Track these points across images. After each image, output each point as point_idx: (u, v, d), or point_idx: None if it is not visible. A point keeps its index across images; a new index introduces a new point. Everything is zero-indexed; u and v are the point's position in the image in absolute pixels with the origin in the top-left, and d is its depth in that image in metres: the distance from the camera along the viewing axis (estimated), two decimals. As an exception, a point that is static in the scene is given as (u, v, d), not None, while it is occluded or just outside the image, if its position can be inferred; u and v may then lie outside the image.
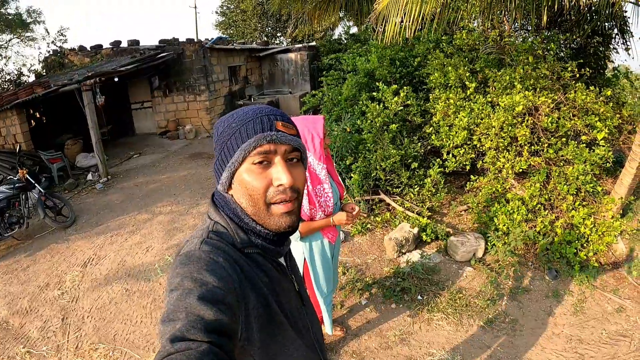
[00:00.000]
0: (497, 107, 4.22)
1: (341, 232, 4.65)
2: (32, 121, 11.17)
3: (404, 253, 4.14)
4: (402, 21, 3.95)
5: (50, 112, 11.42)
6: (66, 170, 8.46)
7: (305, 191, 2.23)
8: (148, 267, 4.55)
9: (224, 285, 0.76)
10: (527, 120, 4.02)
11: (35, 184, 5.76)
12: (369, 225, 4.77)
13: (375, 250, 4.33)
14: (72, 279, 4.51)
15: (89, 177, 8.44)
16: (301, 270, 2.53)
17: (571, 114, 4.12)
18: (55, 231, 5.86)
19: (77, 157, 9.30)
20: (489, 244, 3.95)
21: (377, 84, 5.33)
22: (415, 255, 4.05)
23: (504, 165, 4.07)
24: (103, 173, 8.24)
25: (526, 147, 4.02)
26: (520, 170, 3.98)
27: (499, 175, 4.18)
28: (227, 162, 0.88)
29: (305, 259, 2.47)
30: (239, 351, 0.82)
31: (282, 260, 1.03)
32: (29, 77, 13.01)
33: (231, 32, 21.36)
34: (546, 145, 4.08)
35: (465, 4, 4.44)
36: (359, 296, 3.58)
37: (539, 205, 3.83)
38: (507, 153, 4.11)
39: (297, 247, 2.46)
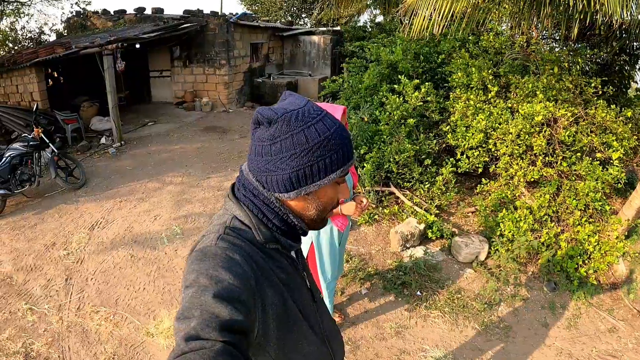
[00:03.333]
0: (517, 114, 4.19)
1: (350, 220, 4.69)
2: (50, 81, 11.23)
3: (408, 248, 4.17)
4: (431, 16, 3.90)
5: (68, 73, 11.45)
6: (80, 132, 8.53)
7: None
8: (155, 236, 4.62)
9: (240, 282, 0.76)
10: (545, 131, 3.99)
11: (49, 144, 5.82)
12: (376, 216, 4.80)
13: (380, 242, 4.37)
14: (78, 240, 4.59)
15: (102, 140, 8.52)
16: (306, 254, 2.56)
17: (589, 130, 4.08)
18: (65, 192, 5.94)
19: (92, 120, 9.37)
20: (492, 248, 3.97)
21: (398, 76, 5.29)
22: (419, 251, 4.08)
23: (516, 173, 4.06)
24: (117, 138, 8.30)
25: (540, 158, 4.00)
26: (532, 179, 3.97)
27: (510, 181, 4.17)
28: (315, 177, 0.86)
29: (312, 242, 2.50)
30: (255, 348, 0.83)
31: (293, 255, 1.06)
32: (50, 36, 13.00)
33: (256, 8, 21.15)
34: (560, 157, 4.06)
35: (497, 7, 4.37)
36: (360, 285, 3.63)
37: (546, 217, 3.83)
38: (521, 161, 4.09)
39: None
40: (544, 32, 5.48)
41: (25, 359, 2.99)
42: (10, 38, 12.51)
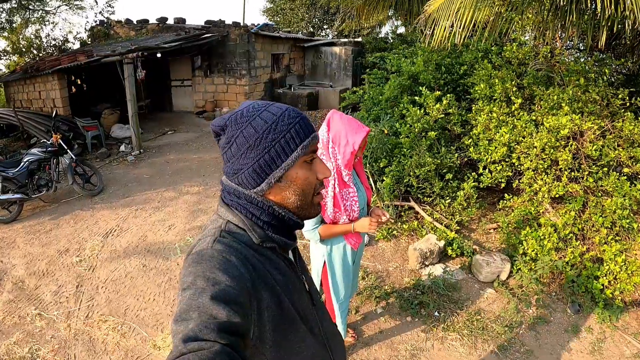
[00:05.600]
0: (541, 127, 4.01)
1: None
2: (73, 88, 11.48)
3: (427, 265, 4.01)
4: (452, 26, 3.78)
5: (91, 81, 11.71)
6: (100, 139, 8.65)
7: (331, 193, 2.14)
8: (168, 246, 4.57)
9: (236, 284, 0.77)
10: (571, 145, 3.80)
11: (68, 150, 5.88)
12: (394, 232, 4.65)
13: (398, 259, 4.22)
14: (92, 247, 4.59)
15: (122, 148, 8.61)
16: (320, 273, 2.44)
17: (616, 144, 3.87)
18: (82, 198, 5.99)
19: (112, 127, 9.51)
20: (514, 267, 3.77)
21: (420, 88, 5.17)
22: (438, 269, 3.91)
23: (540, 188, 3.86)
24: (136, 146, 8.38)
25: (566, 173, 3.81)
26: (557, 195, 3.77)
27: (534, 197, 3.98)
28: (277, 161, 0.88)
29: (324, 262, 2.38)
30: (251, 350, 0.82)
31: (291, 257, 1.05)
32: (74, 44, 13.36)
33: (278, 19, 21.39)
34: (587, 173, 3.86)
35: (520, 16, 4.21)
36: (376, 304, 3.48)
37: (571, 235, 3.62)
38: (546, 176, 3.90)
39: (318, 250, 2.38)
40: (569, 42, 5.29)
41: (31, 366, 2.94)
42: (35, 45, 12.88)
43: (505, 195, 4.34)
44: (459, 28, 3.77)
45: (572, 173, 3.86)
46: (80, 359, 3.01)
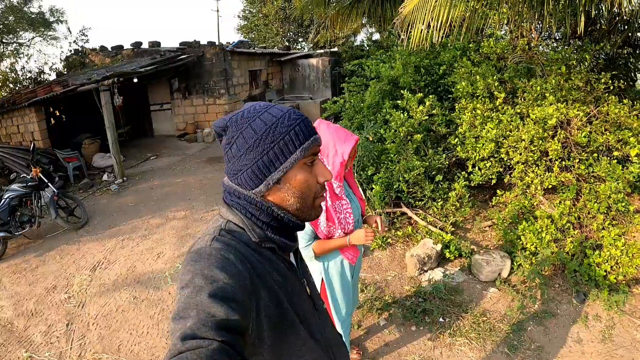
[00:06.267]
0: (527, 119, 3.98)
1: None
2: (52, 119, 11.26)
3: (426, 271, 3.92)
4: (429, 26, 3.75)
5: (70, 112, 11.50)
6: (82, 169, 8.45)
7: (323, 207, 2.05)
8: (158, 275, 4.41)
9: (234, 282, 0.76)
10: (560, 134, 3.77)
11: (49, 183, 5.70)
12: (389, 240, 4.55)
13: (396, 267, 4.12)
14: (80, 282, 4.42)
15: (105, 177, 8.42)
16: (319, 291, 2.33)
17: (603, 128, 3.87)
18: (67, 232, 5.80)
19: (94, 157, 9.31)
20: (514, 263, 3.71)
21: (401, 91, 5.12)
22: (437, 274, 3.83)
23: (532, 181, 3.82)
24: (119, 174, 8.20)
25: (557, 163, 3.77)
26: (550, 186, 3.73)
27: (527, 190, 3.94)
28: (276, 163, 0.87)
29: (322, 279, 2.27)
30: (249, 349, 0.81)
31: (292, 260, 1.04)
32: (50, 75, 13.15)
33: (253, 36, 21.45)
34: (577, 160, 3.84)
35: (495, 11, 4.21)
36: (378, 316, 3.37)
37: (569, 224, 3.58)
38: (537, 168, 3.86)
39: (314, 267, 2.27)
40: (545, 32, 5.31)
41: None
42: (10, 79, 12.69)
43: (498, 191, 4.29)
44: (436, 28, 3.74)
45: (563, 162, 3.83)
46: (75, 403, 2.85)
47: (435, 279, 3.75)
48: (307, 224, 2.06)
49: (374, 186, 4.68)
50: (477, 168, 4.38)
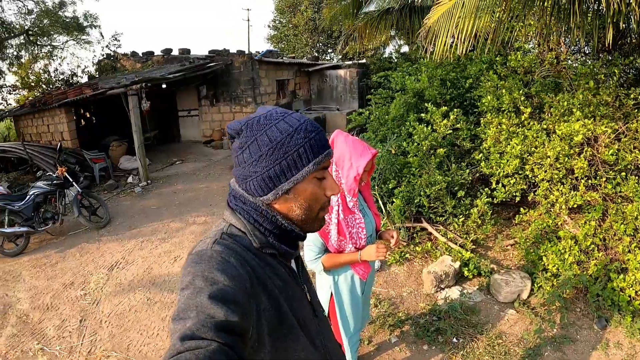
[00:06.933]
0: (553, 135, 3.84)
1: (377, 260, 4.35)
2: (82, 121, 11.65)
3: (443, 289, 3.79)
4: (453, 37, 3.68)
5: (100, 114, 11.87)
6: (108, 170, 8.66)
7: (335, 220, 1.99)
8: (173, 278, 4.43)
9: (234, 284, 0.77)
10: (586, 151, 3.61)
11: (74, 183, 5.85)
12: (407, 255, 4.45)
13: (412, 283, 4.01)
14: (97, 280, 4.49)
15: (130, 179, 8.61)
16: (327, 307, 2.26)
17: (632, 146, 3.68)
18: (89, 230, 5.93)
19: (120, 159, 9.54)
20: (535, 285, 3.55)
21: (426, 105, 5.04)
22: (454, 292, 3.70)
23: (557, 199, 3.67)
24: (143, 177, 8.37)
25: (583, 181, 3.61)
26: (575, 205, 3.57)
27: (552, 209, 3.78)
28: (287, 174, 0.87)
29: (332, 293, 2.20)
30: (249, 352, 0.80)
31: (293, 266, 1.04)
32: (82, 78, 13.63)
33: (282, 46, 21.73)
34: (604, 179, 3.66)
35: (522, 23, 4.09)
36: (389, 333, 3.27)
37: (593, 246, 3.40)
38: (562, 186, 3.71)
39: (324, 281, 2.20)
40: (574, 46, 5.14)
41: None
42: (43, 80, 13.19)
43: (521, 209, 4.14)
44: (460, 39, 3.67)
45: (589, 181, 3.66)
46: (81, 398, 2.87)
47: (452, 297, 3.62)
48: (317, 236, 2.02)
49: (394, 200, 4.60)
50: (500, 184, 4.24)
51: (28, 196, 5.49)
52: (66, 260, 5.06)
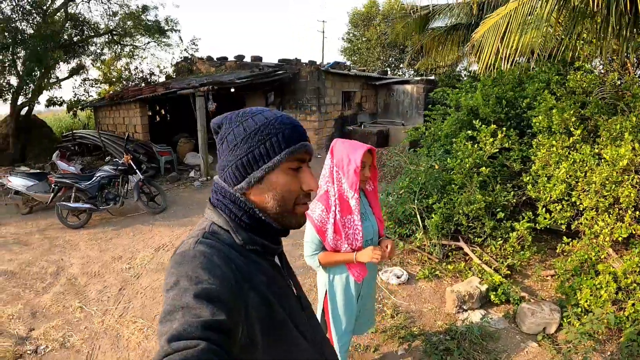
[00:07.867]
0: (602, 160, 3.55)
1: (405, 273, 4.28)
2: (157, 117, 12.61)
3: (465, 310, 3.63)
4: (498, 51, 3.56)
5: (173, 112, 12.78)
6: (173, 163, 9.32)
7: (332, 220, 2.05)
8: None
9: (219, 283, 0.77)
10: (632, 179, 3.29)
11: (137, 170, 6.40)
12: (438, 272, 4.32)
13: (436, 300, 3.88)
14: (142, 257, 4.92)
15: (192, 174, 9.19)
16: (322, 303, 2.32)
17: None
18: (145, 214, 6.44)
19: (186, 154, 10.23)
20: (564, 319, 3.28)
21: (475, 123, 4.88)
22: (477, 315, 3.53)
23: (601, 230, 3.37)
24: (204, 172, 8.89)
25: (629, 212, 3.29)
26: (620, 238, 3.25)
27: (595, 240, 3.48)
28: (259, 162, 0.90)
29: (326, 291, 2.26)
30: (241, 351, 0.81)
31: (277, 261, 1.05)
32: (159, 77, 14.76)
33: (355, 58, 21.99)
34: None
35: (581, 42, 3.83)
36: (398, 345, 3.20)
37: (634, 285, 3.06)
38: (607, 216, 3.40)
39: (321, 277, 2.27)
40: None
41: (61, 347, 3.27)
42: (124, 76, 14.44)
43: (564, 238, 3.86)
44: (505, 55, 3.53)
45: (637, 212, 3.33)
46: (103, 350, 3.22)
47: (473, 320, 3.46)
48: (315, 234, 2.09)
49: (433, 215, 4.49)
50: (545, 210, 3.99)
51: (95, 177, 6.10)
52: (120, 237, 5.56)
